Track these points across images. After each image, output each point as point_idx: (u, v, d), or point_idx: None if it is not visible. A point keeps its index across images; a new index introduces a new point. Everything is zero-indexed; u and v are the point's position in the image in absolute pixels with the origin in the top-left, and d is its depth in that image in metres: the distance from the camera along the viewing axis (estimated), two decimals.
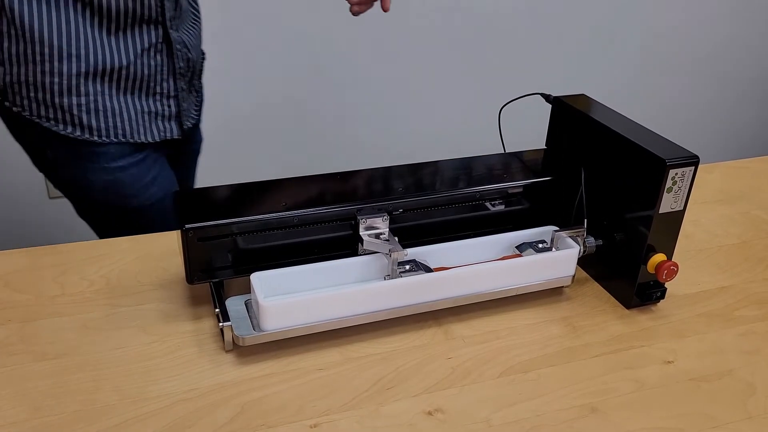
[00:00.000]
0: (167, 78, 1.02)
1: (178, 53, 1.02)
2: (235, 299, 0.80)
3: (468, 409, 0.71)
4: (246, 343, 0.76)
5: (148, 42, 0.98)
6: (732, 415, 0.71)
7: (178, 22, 1.03)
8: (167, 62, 1.01)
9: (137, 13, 0.95)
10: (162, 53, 1.00)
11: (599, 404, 0.72)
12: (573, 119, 0.91)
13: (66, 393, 0.71)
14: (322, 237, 0.83)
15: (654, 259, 0.82)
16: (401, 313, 0.81)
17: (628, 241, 0.84)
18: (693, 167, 0.78)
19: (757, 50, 2.56)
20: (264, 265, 0.80)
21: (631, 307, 0.87)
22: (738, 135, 2.72)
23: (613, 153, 0.84)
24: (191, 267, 0.79)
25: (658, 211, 0.79)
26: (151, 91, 1.01)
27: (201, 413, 0.69)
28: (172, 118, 1.04)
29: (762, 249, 1.02)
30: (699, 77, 2.53)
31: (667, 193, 0.79)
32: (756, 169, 1.27)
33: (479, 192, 0.88)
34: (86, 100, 0.96)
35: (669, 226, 0.82)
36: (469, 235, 0.89)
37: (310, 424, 0.69)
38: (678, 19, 2.39)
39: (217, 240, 0.78)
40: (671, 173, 0.77)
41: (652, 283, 0.85)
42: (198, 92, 1.15)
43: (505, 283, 0.84)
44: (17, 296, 0.85)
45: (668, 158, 0.77)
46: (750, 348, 0.81)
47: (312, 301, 0.77)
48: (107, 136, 0.99)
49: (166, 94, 1.02)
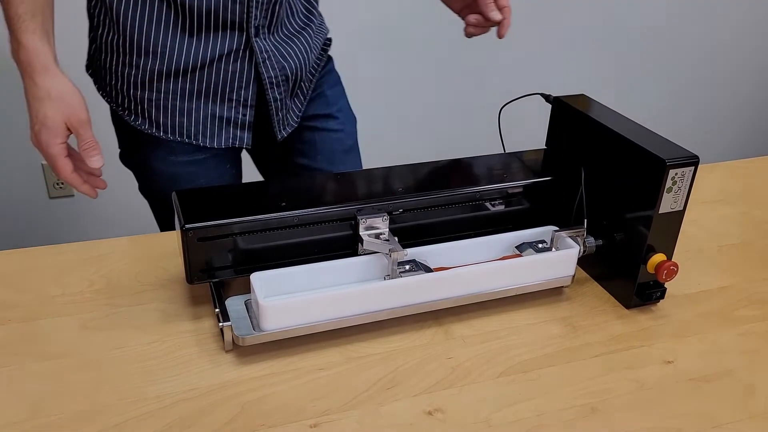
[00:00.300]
0: (246, 86, 1.00)
1: (265, 62, 0.99)
2: (235, 299, 0.80)
3: (468, 409, 0.71)
4: (246, 343, 0.76)
5: (228, 47, 0.96)
6: (732, 415, 0.71)
7: (268, 31, 0.99)
8: (247, 69, 0.99)
9: (220, 17, 0.94)
10: (243, 60, 0.98)
11: (599, 404, 0.72)
12: (573, 119, 0.91)
13: (66, 393, 0.71)
14: (322, 237, 0.83)
15: (654, 259, 0.82)
16: (401, 313, 0.81)
17: (627, 242, 0.84)
18: (693, 167, 0.78)
19: (757, 50, 2.57)
20: (264, 266, 0.80)
21: (631, 307, 0.87)
22: (738, 135, 2.72)
23: (613, 153, 0.84)
24: (191, 267, 0.79)
25: (657, 212, 0.79)
26: (226, 97, 0.99)
27: (201, 413, 0.69)
28: (245, 128, 1.02)
29: (762, 249, 1.02)
30: (699, 77, 2.53)
31: (667, 194, 0.78)
32: (756, 169, 1.27)
33: (479, 192, 0.88)
34: (157, 96, 0.98)
35: (669, 226, 0.82)
36: (470, 235, 0.89)
37: (310, 423, 0.69)
38: (678, 19, 2.39)
39: (217, 240, 0.78)
40: (671, 173, 0.77)
41: (652, 283, 0.85)
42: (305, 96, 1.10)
43: (505, 284, 0.84)
44: (17, 296, 0.85)
45: (668, 158, 0.77)
46: (750, 348, 0.81)
47: (311, 302, 0.77)
48: (172, 134, 1.00)
49: (242, 102, 1.00)
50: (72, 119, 0.83)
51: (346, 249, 0.84)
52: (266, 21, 0.98)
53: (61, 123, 0.83)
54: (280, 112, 1.03)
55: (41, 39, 0.83)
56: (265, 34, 0.99)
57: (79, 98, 0.85)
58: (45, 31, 0.84)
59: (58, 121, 0.82)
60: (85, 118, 0.84)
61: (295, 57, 1.03)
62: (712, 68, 2.53)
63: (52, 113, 0.82)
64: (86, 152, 0.84)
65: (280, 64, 1.01)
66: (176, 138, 1.01)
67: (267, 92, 1.01)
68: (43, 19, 0.84)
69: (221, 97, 0.98)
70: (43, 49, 0.83)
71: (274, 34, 1.01)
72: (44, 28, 0.84)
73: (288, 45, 1.02)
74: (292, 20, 1.04)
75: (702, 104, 2.59)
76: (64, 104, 0.83)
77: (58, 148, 0.83)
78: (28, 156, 1.92)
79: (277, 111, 1.03)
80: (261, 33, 0.98)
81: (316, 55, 1.11)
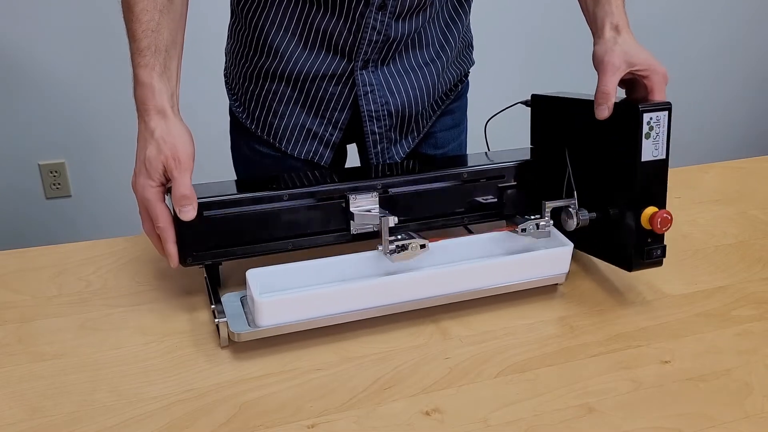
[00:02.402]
0: (341, 110, 0.98)
1: (367, 96, 0.96)
2: (230, 295, 0.81)
3: (466, 409, 0.71)
4: (241, 339, 0.76)
5: (333, 70, 0.95)
6: (729, 414, 0.71)
7: (382, 63, 0.97)
8: (346, 96, 0.97)
9: (333, 39, 0.93)
10: (344, 86, 0.97)
11: (596, 404, 0.72)
12: (550, 107, 0.93)
13: (63, 394, 0.71)
14: (313, 216, 0.84)
15: (646, 212, 0.83)
16: (396, 310, 0.81)
17: (618, 203, 0.85)
18: (667, 112, 0.81)
19: (753, 50, 2.57)
20: (257, 247, 0.82)
21: (634, 269, 0.85)
22: (734, 135, 2.72)
23: (591, 121, 0.85)
24: (183, 242, 0.79)
25: (640, 160, 0.81)
26: (320, 113, 0.99)
27: (198, 414, 0.69)
28: (329, 146, 1.00)
29: (759, 249, 1.02)
30: (695, 77, 2.54)
31: (646, 140, 0.80)
32: (752, 169, 1.27)
33: (467, 171, 0.90)
34: (260, 92, 0.99)
35: (655, 176, 0.83)
36: (460, 219, 0.91)
37: (308, 424, 0.69)
38: (673, 18, 2.39)
39: (208, 214, 0.79)
40: (646, 117, 0.80)
41: (650, 240, 0.85)
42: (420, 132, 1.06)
43: (500, 280, 0.85)
44: (14, 297, 0.85)
45: (641, 105, 0.80)
46: (747, 348, 0.81)
47: (307, 298, 0.77)
48: (262, 131, 1.01)
49: (333, 122, 0.99)
50: (169, 160, 0.75)
51: (339, 228, 0.85)
52: (379, 56, 0.96)
53: (159, 164, 0.75)
54: (379, 145, 1.01)
55: (160, 76, 0.77)
56: (376, 66, 0.96)
57: (186, 140, 0.77)
58: (166, 68, 0.78)
59: (156, 161, 0.75)
60: (184, 160, 0.75)
61: (409, 93, 0.99)
62: (710, 68, 2.54)
63: (153, 153, 0.75)
64: (177, 200, 0.75)
65: (385, 99, 0.98)
66: (263, 135, 1.02)
67: (365, 124, 0.99)
68: (167, 58, 0.79)
69: (316, 111, 0.98)
70: (160, 87, 0.76)
71: (390, 66, 0.98)
72: (166, 65, 0.78)
73: (402, 80, 0.99)
74: (421, 51, 1.00)
75: (698, 104, 2.60)
76: (167, 144, 0.75)
77: (153, 191, 0.75)
78: (24, 156, 1.92)
79: (375, 144, 1.00)
80: (370, 66, 0.96)
81: (444, 90, 1.07)
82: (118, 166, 1.96)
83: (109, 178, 2.02)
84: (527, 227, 0.87)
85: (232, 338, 0.76)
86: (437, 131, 1.09)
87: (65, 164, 1.96)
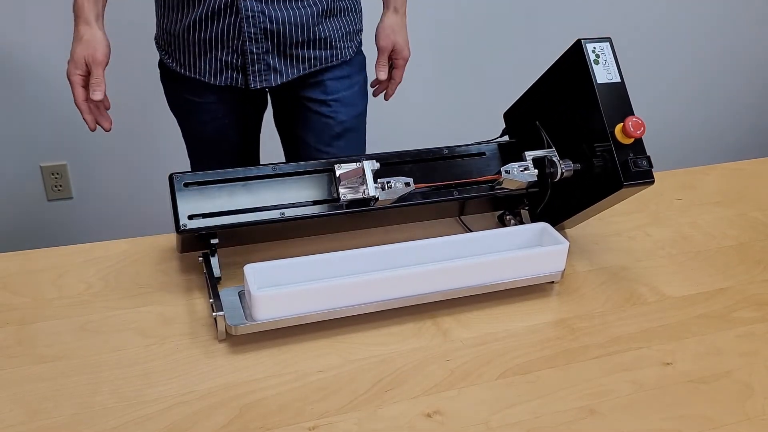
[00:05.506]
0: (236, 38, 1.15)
1: (248, 19, 1.13)
2: (229, 290, 0.82)
3: (467, 411, 0.71)
4: (238, 333, 0.76)
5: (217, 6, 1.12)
6: (730, 416, 0.71)
7: None
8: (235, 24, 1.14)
9: None
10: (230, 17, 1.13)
11: (597, 406, 0.72)
12: (521, 101, 1.02)
13: (64, 396, 0.71)
14: (302, 190, 0.88)
15: (618, 127, 0.85)
16: (393, 306, 0.81)
17: (592, 133, 0.88)
18: (608, 42, 0.90)
19: (753, 52, 2.57)
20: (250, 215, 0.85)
21: (626, 182, 0.84)
22: (735, 137, 2.72)
23: (551, 85, 0.93)
24: (179, 216, 0.83)
25: (596, 82, 0.88)
26: (226, 45, 1.16)
27: (199, 416, 0.69)
28: (238, 70, 1.18)
29: (759, 250, 1.02)
30: (695, 79, 2.54)
31: (596, 65, 0.89)
32: (753, 170, 1.27)
33: (448, 148, 0.97)
34: (183, 44, 1.19)
35: (617, 96, 0.88)
36: (449, 191, 0.93)
37: (309, 426, 0.69)
38: (674, 19, 2.39)
39: (202, 187, 0.84)
40: (588, 47, 0.89)
41: (632, 154, 0.86)
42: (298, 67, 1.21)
43: (497, 277, 0.85)
44: (15, 299, 0.85)
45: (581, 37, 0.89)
46: (748, 349, 0.81)
47: (304, 292, 0.78)
48: (186, 69, 1.21)
49: (234, 49, 1.16)
50: (89, 58, 1.04)
51: (328, 199, 0.89)
52: None
53: (81, 59, 1.04)
54: (256, 65, 1.18)
55: None
56: None
57: (102, 45, 1.05)
58: None
59: (79, 57, 1.04)
60: (99, 59, 1.04)
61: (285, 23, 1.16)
62: (710, 69, 2.54)
63: (78, 51, 1.05)
64: (92, 86, 1.04)
65: (264, 25, 1.15)
66: (188, 74, 1.21)
67: (245, 45, 1.15)
68: None
69: (222, 45, 1.16)
70: (89, 6, 1.06)
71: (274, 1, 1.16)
72: None
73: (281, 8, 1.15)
74: None
75: (699, 106, 2.60)
76: (89, 46, 1.04)
77: (76, 77, 1.05)
78: (26, 158, 1.92)
79: (253, 63, 1.17)
80: None
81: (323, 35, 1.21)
82: (120, 168, 1.96)
83: (111, 181, 2.01)
84: (510, 169, 0.91)
85: (229, 332, 0.76)
86: (326, 79, 1.25)
87: (67, 166, 1.96)
